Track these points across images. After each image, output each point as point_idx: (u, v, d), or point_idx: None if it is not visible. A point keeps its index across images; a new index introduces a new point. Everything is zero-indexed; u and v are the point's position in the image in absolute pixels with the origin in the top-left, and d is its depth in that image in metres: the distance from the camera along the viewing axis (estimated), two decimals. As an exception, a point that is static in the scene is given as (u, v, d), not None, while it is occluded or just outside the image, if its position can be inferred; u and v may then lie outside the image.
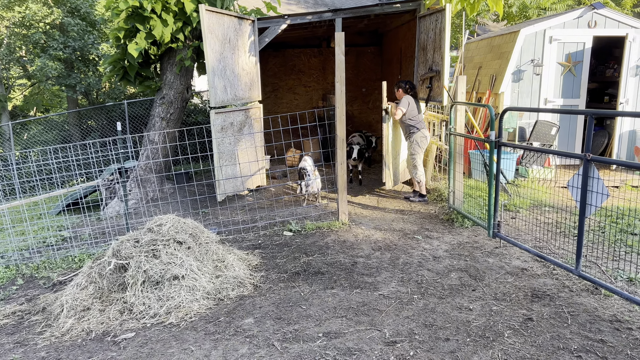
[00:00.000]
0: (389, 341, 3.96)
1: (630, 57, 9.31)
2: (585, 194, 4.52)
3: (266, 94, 12.75)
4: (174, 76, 8.84)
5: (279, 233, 6.87)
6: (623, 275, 5.11)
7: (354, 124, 13.56)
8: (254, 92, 8.05)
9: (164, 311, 4.46)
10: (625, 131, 9.68)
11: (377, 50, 13.29)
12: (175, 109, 8.99)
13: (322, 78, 13.21)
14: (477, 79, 10.70)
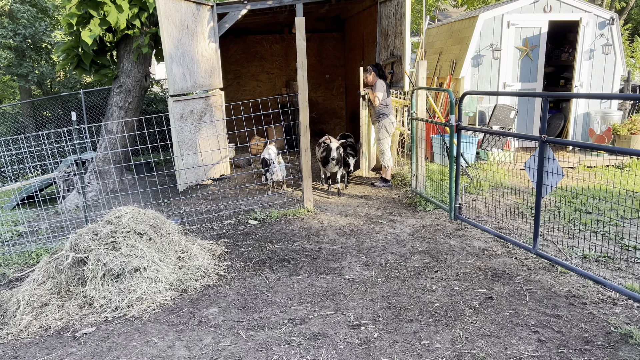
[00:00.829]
0: (354, 324, 3.99)
1: (584, 41, 9.58)
2: (542, 174, 4.65)
3: (228, 82, 12.56)
4: (132, 64, 8.59)
5: (244, 222, 6.81)
6: (578, 253, 5.30)
7: (319, 111, 13.53)
8: (214, 79, 7.91)
9: (125, 304, 4.37)
10: (580, 114, 9.99)
11: (339, 36, 13.25)
12: (134, 98, 8.75)
13: (285, 65, 13.10)
14: (438, 64, 10.82)
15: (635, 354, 3.43)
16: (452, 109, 6.17)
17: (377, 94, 7.80)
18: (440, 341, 3.70)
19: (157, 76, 17.07)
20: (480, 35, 9.50)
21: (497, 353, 3.51)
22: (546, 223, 6.25)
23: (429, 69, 10.61)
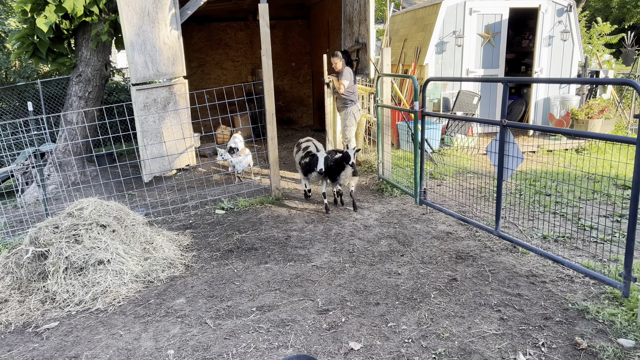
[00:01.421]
0: (322, 310, 4.03)
1: (543, 27, 9.80)
2: (502, 158, 4.76)
3: (192, 70, 12.35)
4: (91, 52, 8.33)
5: (211, 212, 6.75)
6: (538, 234, 5.47)
7: (285, 99, 13.46)
8: (177, 67, 7.76)
9: (89, 297, 4.29)
10: (541, 99, 10.25)
11: (305, 23, 13.17)
12: (94, 87, 8.51)
13: (251, 52, 12.95)
14: (403, 52, 10.89)
15: (591, 328, 3.58)
16: (416, 95, 6.23)
17: (342, 82, 7.72)
18: (407, 322, 3.77)
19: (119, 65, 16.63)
20: (444, 22, 9.60)
21: (461, 332, 3.61)
22: (508, 206, 6.41)
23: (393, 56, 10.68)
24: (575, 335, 3.50)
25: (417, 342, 3.50)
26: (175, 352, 3.48)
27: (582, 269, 4.15)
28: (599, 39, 13.89)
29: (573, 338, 3.45)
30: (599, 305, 3.89)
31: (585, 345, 3.36)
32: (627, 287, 3.65)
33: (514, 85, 11.42)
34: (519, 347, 3.40)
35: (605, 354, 3.26)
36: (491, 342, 3.47)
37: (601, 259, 4.75)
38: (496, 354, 3.33)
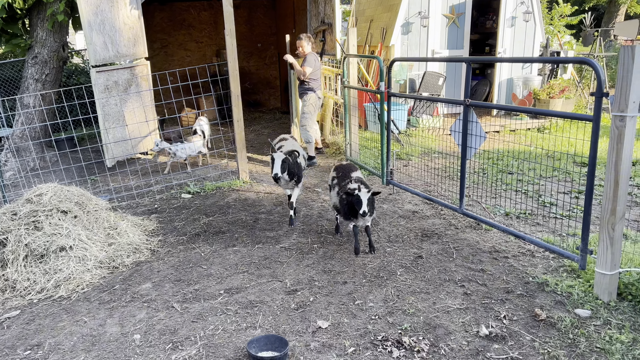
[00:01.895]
0: (290, 290, 4.04)
1: (506, 8, 9.93)
2: (466, 137, 4.83)
3: (155, 51, 12.04)
4: (46, 33, 8.01)
5: (177, 196, 6.65)
6: (501, 211, 5.60)
7: (252, 81, 13.30)
8: (138, 48, 7.54)
9: (52, 285, 4.18)
10: (504, 79, 10.43)
11: (270, 3, 12.98)
12: (51, 70, 8.20)
13: (215, 33, 12.70)
14: (369, 32, 10.87)
15: (550, 300, 3.71)
16: (382, 76, 6.24)
17: (305, 68, 7.49)
18: (373, 300, 3.83)
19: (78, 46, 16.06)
20: (409, 2, 9.61)
21: (426, 308, 3.69)
22: (472, 185, 6.54)
23: (360, 36, 10.65)
24: (535, 307, 3.62)
25: (384, 319, 3.56)
26: (142, 337, 3.45)
27: (542, 243, 4.28)
28: (560, 20, 14.17)
29: (533, 310, 3.57)
30: (558, 278, 4.03)
31: (544, 317, 3.48)
32: (584, 260, 3.79)
33: (479, 66, 11.58)
34: (481, 320, 3.50)
35: (563, 324, 3.38)
36: (455, 317, 3.56)
37: (560, 233, 4.91)
38: (460, 328, 3.42)
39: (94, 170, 7.35)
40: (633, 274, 3.84)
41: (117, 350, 3.31)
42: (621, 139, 3.33)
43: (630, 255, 4.08)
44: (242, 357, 3.18)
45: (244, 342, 3.31)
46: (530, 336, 3.29)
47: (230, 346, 3.31)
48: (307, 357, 3.17)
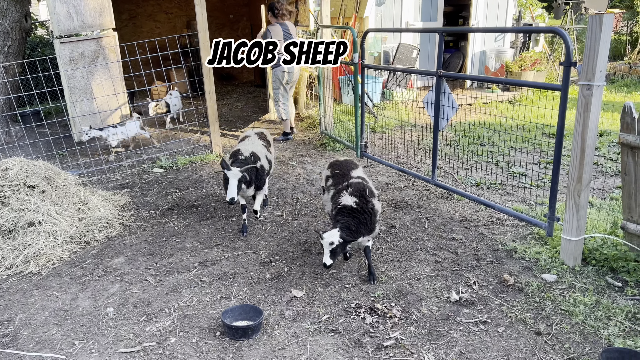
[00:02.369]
0: (265, 261, 4.06)
1: (479, -20, 9.90)
2: (438, 108, 4.86)
3: (122, 23, 11.66)
4: (7, 2, 7.65)
5: (149, 171, 6.55)
6: (473, 182, 5.70)
7: (224, 54, 13.02)
8: (105, 18, 7.29)
9: (21, 261, 4.10)
10: (477, 52, 10.47)
11: (242, -27, 12.66)
12: (14, 41, 7.87)
13: (185, 3, 12.35)
14: (343, 4, 10.72)
15: (518, 266, 3.82)
16: (355, 47, 6.19)
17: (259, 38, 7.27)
18: (347, 269, 3.88)
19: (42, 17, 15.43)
20: (383, -27, 9.49)
21: (399, 275, 3.75)
22: (445, 157, 6.62)
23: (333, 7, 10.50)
24: (503, 273, 3.72)
25: (357, 287, 3.62)
26: (115, 310, 3.43)
27: (511, 212, 4.38)
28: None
29: (502, 276, 3.67)
30: (526, 245, 4.14)
31: (512, 282, 3.58)
32: (551, 227, 3.90)
33: (452, 39, 11.58)
34: (452, 286, 3.59)
35: (530, 288, 3.49)
36: (427, 283, 3.64)
37: (529, 202, 5.03)
38: (431, 294, 3.50)
39: (62, 145, 7.17)
40: (597, 239, 3.97)
41: (90, 323, 3.29)
42: (588, 108, 3.40)
43: (595, 221, 4.22)
44: (217, 327, 3.20)
45: (219, 312, 3.33)
46: (498, 300, 3.39)
47: (205, 317, 3.32)
48: (281, 325, 3.21)
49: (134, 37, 11.92)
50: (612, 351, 2.74)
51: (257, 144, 4.79)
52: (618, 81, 11.58)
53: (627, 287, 3.45)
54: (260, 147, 4.74)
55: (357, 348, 2.96)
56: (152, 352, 2.98)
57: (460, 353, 2.89)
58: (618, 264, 3.65)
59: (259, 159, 4.55)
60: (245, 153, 4.48)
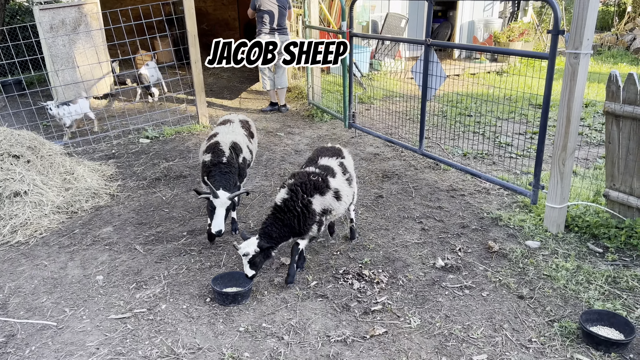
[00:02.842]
0: (254, 230, 4.08)
1: (469, -52, 9.76)
2: (426, 77, 4.86)
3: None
4: (-17, -34, 7.40)
5: (135, 141, 6.49)
6: (459, 152, 5.74)
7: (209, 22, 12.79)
8: (87, -16, 7.10)
9: (8, 231, 4.08)
10: (465, 22, 10.40)
11: (227, -61, 12.33)
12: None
13: (169, -29, 12.03)
14: (331, -28, 10.53)
15: (503, 234, 3.90)
16: (343, 15, 6.12)
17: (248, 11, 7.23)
18: (335, 237, 3.92)
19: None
20: (372, -60, 9.31)
21: (386, 243, 3.81)
22: (432, 127, 6.64)
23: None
24: (488, 240, 3.79)
25: (345, 254, 3.67)
26: (105, 278, 3.44)
27: (497, 181, 4.44)
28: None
29: (487, 243, 3.74)
30: (511, 213, 4.21)
31: (497, 248, 3.66)
32: (536, 195, 3.97)
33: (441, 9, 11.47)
34: (438, 253, 3.66)
35: (514, 255, 3.57)
36: (413, 250, 3.70)
37: (515, 172, 5.09)
38: (417, 260, 3.57)
39: (45, 116, 7.05)
40: (580, 207, 4.05)
41: (80, 291, 3.30)
42: (574, 76, 3.42)
43: (579, 190, 4.29)
44: (207, 293, 3.24)
45: (209, 279, 3.36)
46: (483, 266, 3.46)
47: (195, 284, 3.35)
48: (271, 291, 3.26)
49: (117, 4, 11.60)
50: (592, 313, 2.83)
51: (239, 132, 4.20)
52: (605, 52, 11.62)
53: (608, 253, 3.54)
54: (241, 137, 4.14)
55: (345, 312, 3.02)
56: (143, 318, 3.01)
57: (445, 316, 2.96)
58: (600, 230, 3.74)
59: (241, 150, 3.99)
60: (224, 147, 3.80)
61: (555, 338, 2.76)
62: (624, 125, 3.52)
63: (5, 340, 2.85)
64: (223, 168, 3.66)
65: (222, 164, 3.69)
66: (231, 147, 3.84)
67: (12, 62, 7.05)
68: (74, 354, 2.72)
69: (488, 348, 2.70)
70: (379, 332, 2.82)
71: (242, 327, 2.90)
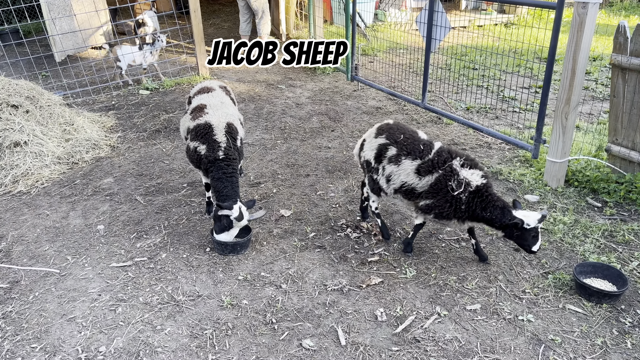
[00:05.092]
0: (254, 183, 4.10)
1: None
2: (431, 28, 4.73)
3: None
4: None
5: (135, 92, 6.42)
6: (463, 106, 5.67)
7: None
8: None
9: (9, 180, 4.10)
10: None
11: None
12: (-16, -48, 7.40)
13: None
14: None
15: (502, 187, 3.89)
16: (347, -38, 5.91)
17: None
18: (334, 191, 3.93)
19: None
20: None
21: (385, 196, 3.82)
22: (436, 81, 6.53)
23: None
24: (487, 194, 3.78)
25: (344, 207, 3.69)
26: (106, 227, 3.49)
27: (499, 135, 4.39)
28: None
29: (485, 196, 3.74)
30: (511, 167, 4.20)
31: (495, 202, 3.66)
32: (537, 149, 3.94)
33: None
34: (437, 206, 3.66)
35: (512, 209, 3.58)
36: (412, 203, 3.71)
37: (517, 126, 5.04)
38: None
39: (44, 65, 6.95)
40: (581, 162, 4.03)
41: (81, 240, 3.35)
42: (582, 27, 3.32)
43: (581, 144, 4.26)
44: (206, 243, 3.28)
45: (208, 230, 3.40)
46: (481, 220, 3.48)
47: (195, 234, 3.40)
48: (270, 242, 3.30)
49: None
50: (586, 265, 2.86)
51: (228, 103, 3.58)
52: (617, 4, 11.26)
53: (607, 207, 3.55)
54: (232, 110, 3.55)
55: (342, 262, 3.06)
56: (144, 266, 3.07)
57: (440, 267, 3.01)
58: (599, 185, 3.73)
59: (237, 131, 3.38)
60: (219, 133, 3.25)
61: (549, 289, 2.81)
62: (630, 78, 3.45)
63: (9, 286, 2.92)
64: (227, 169, 3.19)
65: (224, 161, 3.20)
66: (226, 131, 3.27)
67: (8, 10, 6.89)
68: (76, 299, 2.79)
69: (482, 298, 2.75)
70: (375, 281, 2.87)
71: (240, 276, 2.96)
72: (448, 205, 2.77)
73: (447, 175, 2.78)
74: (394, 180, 2.96)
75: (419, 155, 2.89)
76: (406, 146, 2.95)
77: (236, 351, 2.43)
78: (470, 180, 2.78)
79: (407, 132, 3.05)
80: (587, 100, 5.71)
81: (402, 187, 2.93)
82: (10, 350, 2.45)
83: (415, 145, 2.93)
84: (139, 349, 2.45)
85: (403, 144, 2.97)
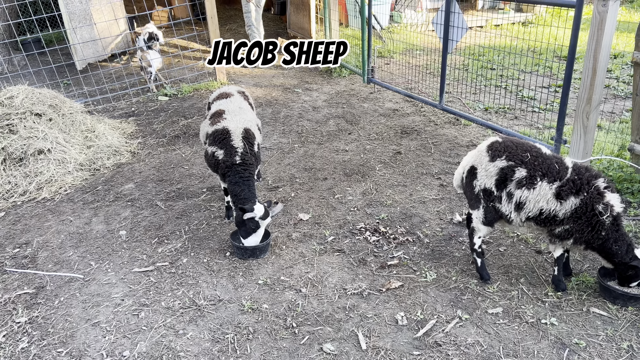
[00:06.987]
0: (272, 187, 4.12)
1: None
2: (447, 29, 4.71)
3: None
4: None
5: (154, 99, 6.51)
6: (481, 106, 5.62)
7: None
8: (100, -62, 6.98)
9: (34, 187, 4.19)
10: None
11: None
12: (7, -36, 7.58)
13: None
14: None
15: (522, 189, 3.85)
16: (362, -35, 5.92)
17: None
18: (352, 194, 3.94)
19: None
20: None
21: (403, 199, 3.81)
22: (454, 82, 6.49)
23: None
24: (507, 195, 3.75)
25: (362, 210, 3.69)
26: (128, 233, 3.54)
27: (518, 135, 4.35)
28: None
29: (505, 198, 3.71)
30: (531, 168, 4.15)
31: (515, 204, 3.62)
32: (558, 150, 3.89)
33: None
34: (456, 209, 3.65)
35: (532, 210, 3.54)
36: (430, 206, 3.70)
37: (538, 127, 4.98)
38: (434, 216, 3.57)
39: (65, 73, 7.09)
40: (604, 162, 3.97)
41: (104, 245, 3.41)
42: (602, 26, 3.27)
43: (603, 144, 4.19)
44: (227, 247, 3.31)
45: (228, 234, 3.43)
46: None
47: (215, 239, 3.43)
48: (289, 246, 3.31)
49: (131, -41, 11.42)
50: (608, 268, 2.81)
51: (246, 108, 3.63)
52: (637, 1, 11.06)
53: (631, 208, 3.48)
54: (250, 115, 3.57)
55: (362, 266, 3.06)
56: (165, 271, 3.11)
57: (461, 270, 2.99)
58: (623, 185, 3.67)
59: (254, 137, 3.41)
60: (236, 138, 3.28)
61: (572, 292, 2.77)
62: (653, 77, 3.39)
63: (35, 291, 2.98)
64: (243, 173, 3.23)
65: (241, 166, 3.24)
66: (243, 137, 3.30)
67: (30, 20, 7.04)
68: (100, 304, 2.84)
69: (504, 302, 2.72)
70: (395, 285, 2.87)
71: (261, 280, 2.98)
72: (589, 230, 2.51)
73: (594, 198, 2.49)
74: (529, 207, 2.58)
75: (557, 176, 2.56)
76: (538, 166, 2.58)
77: (257, 355, 2.45)
78: (613, 205, 2.51)
79: (531, 150, 2.66)
80: (609, 98, 5.62)
81: (541, 214, 2.56)
82: (38, 355, 2.51)
83: (549, 164, 2.58)
84: (162, 354, 2.48)
85: (533, 163, 2.59)
